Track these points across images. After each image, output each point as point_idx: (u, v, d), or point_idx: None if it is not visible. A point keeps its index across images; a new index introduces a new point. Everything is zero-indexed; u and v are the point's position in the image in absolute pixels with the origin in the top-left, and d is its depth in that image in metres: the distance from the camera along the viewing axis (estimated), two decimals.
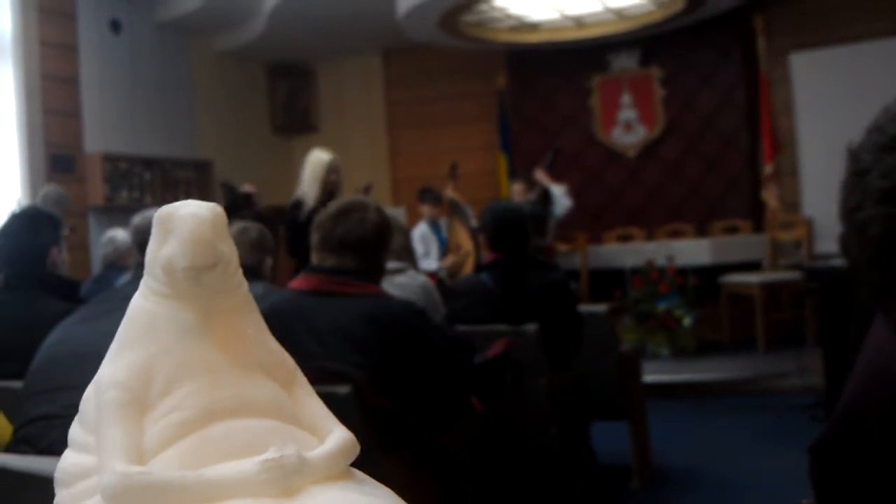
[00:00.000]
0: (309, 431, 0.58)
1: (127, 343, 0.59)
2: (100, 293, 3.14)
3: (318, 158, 5.36)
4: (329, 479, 0.55)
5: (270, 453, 0.53)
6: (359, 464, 0.61)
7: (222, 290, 0.58)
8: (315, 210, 5.32)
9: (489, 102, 9.29)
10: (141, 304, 0.57)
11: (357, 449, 0.57)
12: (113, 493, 0.52)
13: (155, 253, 0.57)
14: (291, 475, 0.52)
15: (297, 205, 5.39)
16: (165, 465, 0.53)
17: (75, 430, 0.59)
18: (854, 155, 0.74)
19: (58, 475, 0.57)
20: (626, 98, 8.95)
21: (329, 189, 5.28)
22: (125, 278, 3.80)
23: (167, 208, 0.57)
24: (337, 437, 0.58)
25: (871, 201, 0.71)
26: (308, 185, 5.32)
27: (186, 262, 0.55)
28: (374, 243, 2.55)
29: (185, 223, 0.56)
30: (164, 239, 0.57)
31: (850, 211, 0.74)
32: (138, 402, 0.55)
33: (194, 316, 0.57)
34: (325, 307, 2.49)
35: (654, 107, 8.86)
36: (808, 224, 7.90)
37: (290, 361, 0.61)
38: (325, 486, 0.55)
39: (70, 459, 0.58)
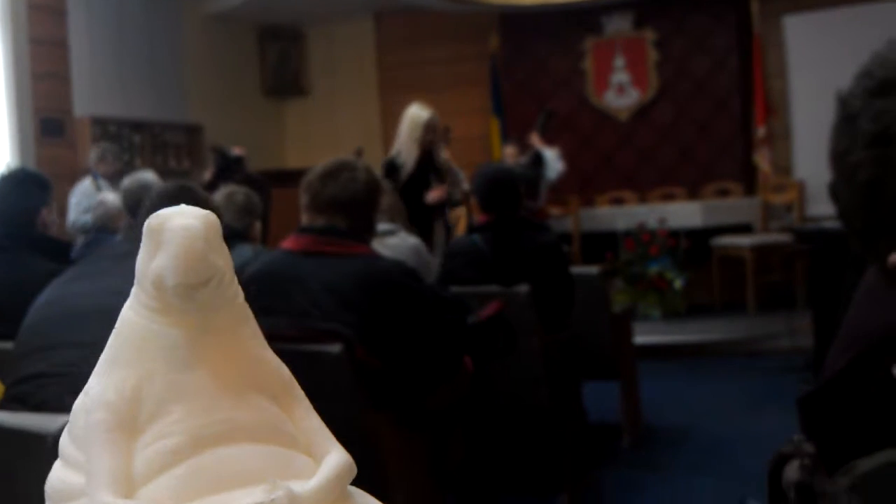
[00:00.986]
0: (304, 452, 0.55)
1: (116, 359, 0.54)
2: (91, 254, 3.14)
3: (415, 116, 4.94)
4: None
5: (260, 495, 0.50)
6: (350, 424, 0.60)
7: (216, 306, 0.54)
8: (413, 174, 4.96)
9: (482, 66, 9.23)
10: (131, 317, 0.53)
11: (354, 471, 0.54)
12: None
13: (145, 265, 0.53)
14: None
15: (392, 167, 4.98)
16: (154, 496, 0.51)
17: (65, 441, 0.56)
18: (843, 101, 0.74)
19: (47, 489, 0.54)
20: (619, 61, 8.90)
21: (426, 149, 4.94)
22: (116, 241, 3.80)
23: (157, 218, 0.52)
24: (332, 462, 0.54)
25: (861, 145, 0.71)
26: (405, 145, 4.93)
27: (177, 279, 0.51)
28: (365, 202, 2.54)
29: (176, 236, 0.51)
30: (154, 251, 0.53)
31: (839, 156, 0.74)
32: (127, 425, 0.51)
33: (186, 334, 0.53)
34: (317, 267, 2.49)
35: (648, 70, 8.82)
36: (800, 187, 7.91)
37: (285, 373, 0.57)
38: None
39: (58, 474, 0.54)
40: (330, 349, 2.35)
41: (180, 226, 0.52)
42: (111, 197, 4.91)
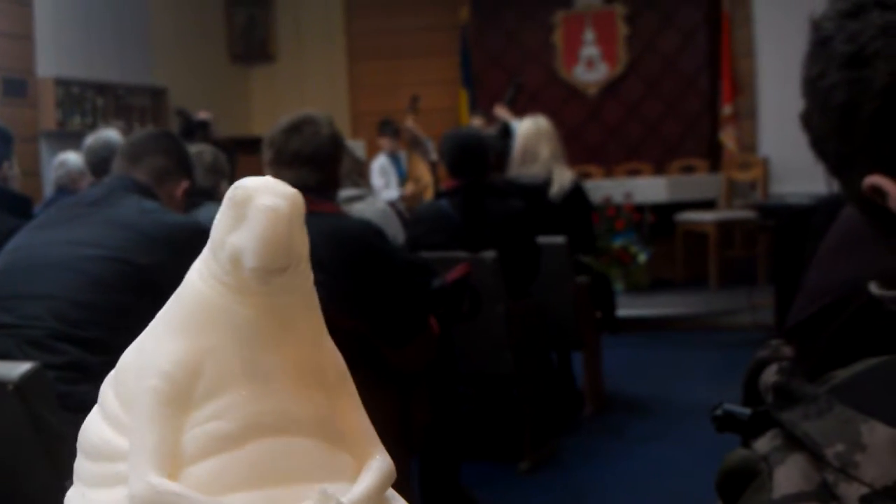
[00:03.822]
0: (349, 452, 0.53)
1: (177, 326, 0.51)
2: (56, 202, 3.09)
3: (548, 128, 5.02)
4: None
5: None
6: None
7: (289, 290, 0.51)
8: None
9: (452, 36, 9.18)
10: (198, 286, 0.50)
11: (394, 477, 0.53)
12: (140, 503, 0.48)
13: (223, 235, 0.49)
14: None
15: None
16: (199, 481, 0.49)
17: (108, 396, 0.52)
18: (816, 25, 0.74)
19: (82, 439, 0.51)
20: (589, 35, 8.90)
21: None
22: (88, 189, 3.73)
23: (244, 189, 0.48)
24: (376, 469, 0.52)
25: (835, 67, 0.70)
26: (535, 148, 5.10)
27: (257, 262, 0.48)
28: (330, 156, 2.52)
29: (262, 217, 0.48)
30: (235, 223, 0.49)
31: (812, 80, 0.73)
32: (182, 399, 0.48)
33: (254, 314, 0.49)
34: None
35: (617, 45, 8.83)
36: (765, 164, 7.98)
37: (341, 366, 0.54)
38: None
39: (96, 429, 0.50)
40: None
41: (269, 206, 0.48)
42: (72, 157, 4.82)
